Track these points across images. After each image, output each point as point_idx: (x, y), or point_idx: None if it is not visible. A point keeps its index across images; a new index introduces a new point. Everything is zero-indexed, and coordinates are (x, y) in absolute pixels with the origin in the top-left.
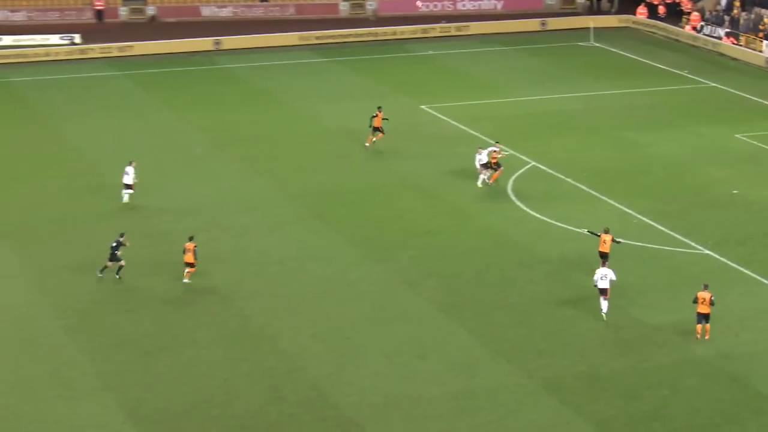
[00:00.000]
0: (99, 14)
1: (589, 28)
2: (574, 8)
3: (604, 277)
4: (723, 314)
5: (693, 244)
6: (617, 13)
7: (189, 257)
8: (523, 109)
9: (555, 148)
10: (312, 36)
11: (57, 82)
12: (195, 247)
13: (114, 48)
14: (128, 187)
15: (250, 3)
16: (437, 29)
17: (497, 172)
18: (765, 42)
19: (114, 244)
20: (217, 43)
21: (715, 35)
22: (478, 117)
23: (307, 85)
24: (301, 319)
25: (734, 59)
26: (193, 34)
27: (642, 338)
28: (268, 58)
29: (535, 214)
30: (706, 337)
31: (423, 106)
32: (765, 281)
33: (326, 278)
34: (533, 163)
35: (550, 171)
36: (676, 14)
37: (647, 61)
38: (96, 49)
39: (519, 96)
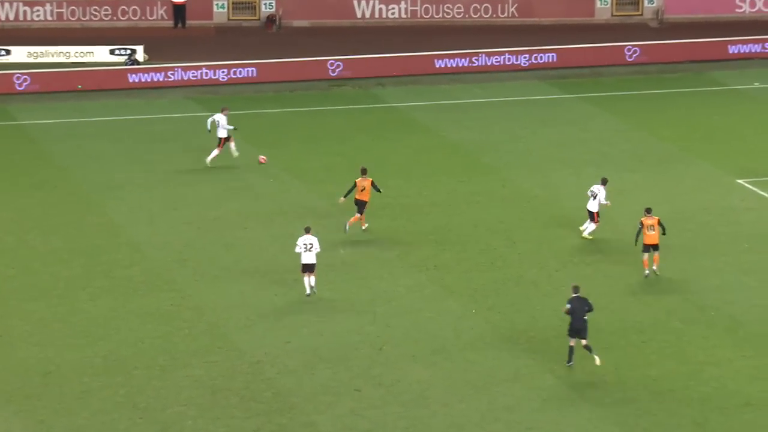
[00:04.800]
0: (178, 12)
1: None
2: None
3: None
4: None
5: None
6: None
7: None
8: None
9: None
10: (541, 56)
11: (103, 129)
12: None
13: (203, 72)
14: None
15: None
16: None
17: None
18: None
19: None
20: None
21: None
22: None
23: (535, 139)
24: None
25: None
26: (338, 48)
27: None
28: (463, 92)
29: None
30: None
31: (741, 181)
32: None
33: None
34: None
35: None
36: None
37: None
38: (172, 74)
39: None
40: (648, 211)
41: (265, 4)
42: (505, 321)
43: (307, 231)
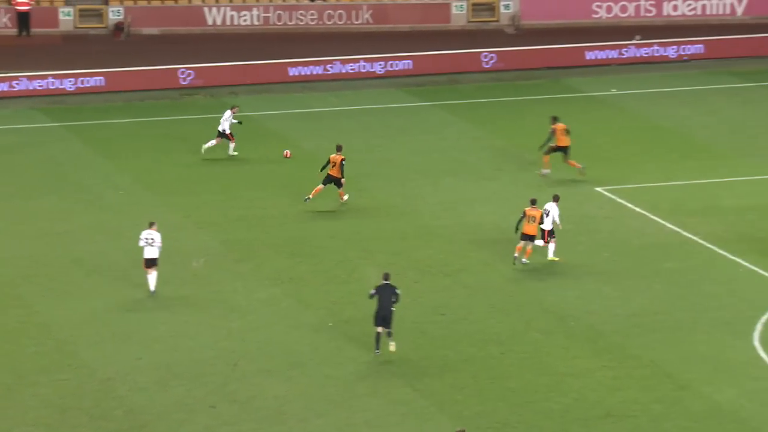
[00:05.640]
0: (23, 20)
1: None
2: None
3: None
4: None
5: None
6: None
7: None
8: None
9: None
10: (397, 63)
11: None
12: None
13: (49, 81)
14: None
15: (290, 3)
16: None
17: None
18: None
19: None
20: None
21: None
22: (700, 209)
23: (392, 148)
24: None
25: None
26: (189, 57)
27: None
28: (318, 100)
29: None
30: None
31: (599, 189)
32: None
33: None
34: None
35: None
36: None
37: None
38: (17, 83)
39: None
40: (533, 202)
41: (113, 11)
42: (363, 334)
43: (151, 225)
